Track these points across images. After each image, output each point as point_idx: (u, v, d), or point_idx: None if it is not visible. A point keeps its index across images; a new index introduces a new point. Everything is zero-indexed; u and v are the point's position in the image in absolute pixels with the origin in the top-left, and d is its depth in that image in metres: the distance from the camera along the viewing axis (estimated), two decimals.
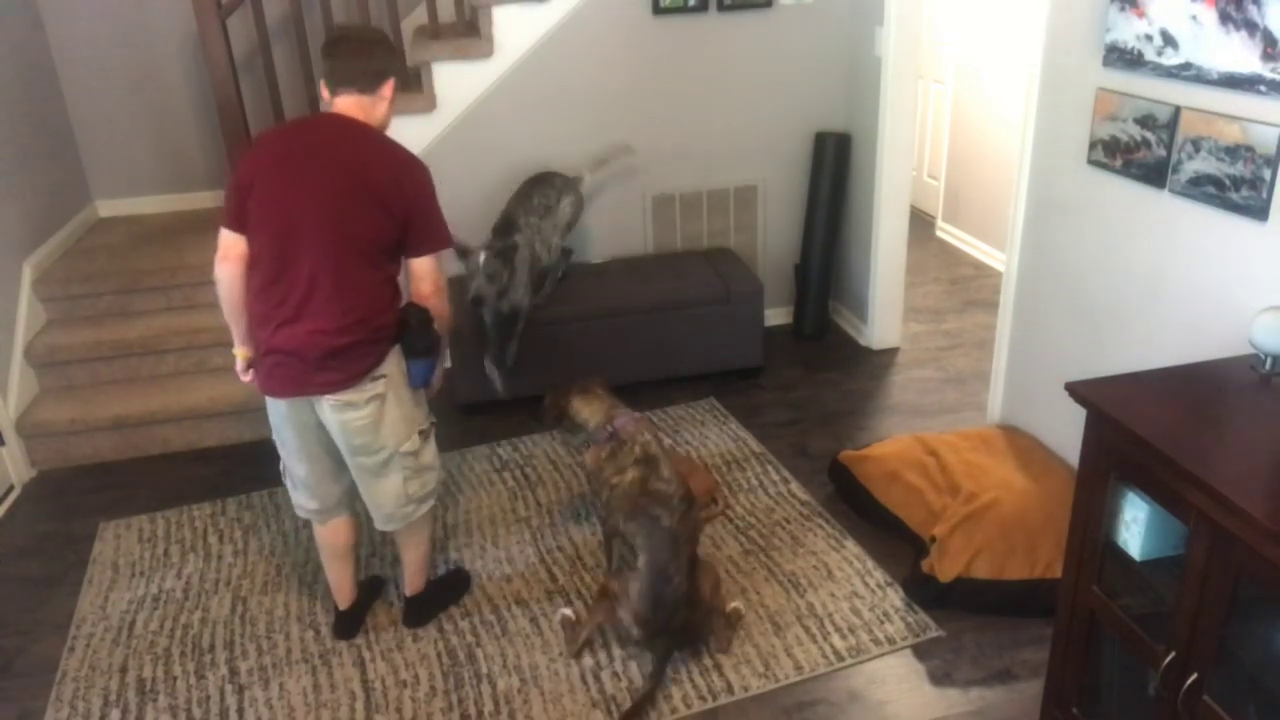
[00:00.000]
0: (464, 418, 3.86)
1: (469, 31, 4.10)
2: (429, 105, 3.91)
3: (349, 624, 2.75)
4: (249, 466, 3.62)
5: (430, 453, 2.55)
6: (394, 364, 2.37)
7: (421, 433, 2.50)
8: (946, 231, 5.84)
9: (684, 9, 4.00)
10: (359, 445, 2.39)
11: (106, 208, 4.79)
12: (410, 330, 2.36)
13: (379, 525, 2.60)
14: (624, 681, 2.53)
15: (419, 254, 2.36)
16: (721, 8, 4.04)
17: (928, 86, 5.81)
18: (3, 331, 3.66)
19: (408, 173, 2.30)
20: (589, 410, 2.77)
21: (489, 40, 3.87)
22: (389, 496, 2.51)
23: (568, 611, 2.73)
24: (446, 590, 2.86)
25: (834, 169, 4.29)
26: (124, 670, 2.66)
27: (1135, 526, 1.86)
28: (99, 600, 2.95)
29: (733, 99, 4.23)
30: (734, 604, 2.72)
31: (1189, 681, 1.66)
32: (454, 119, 3.96)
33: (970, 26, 5.42)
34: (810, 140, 4.36)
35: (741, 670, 2.54)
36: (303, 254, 2.23)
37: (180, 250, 4.20)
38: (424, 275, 2.38)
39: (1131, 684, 1.97)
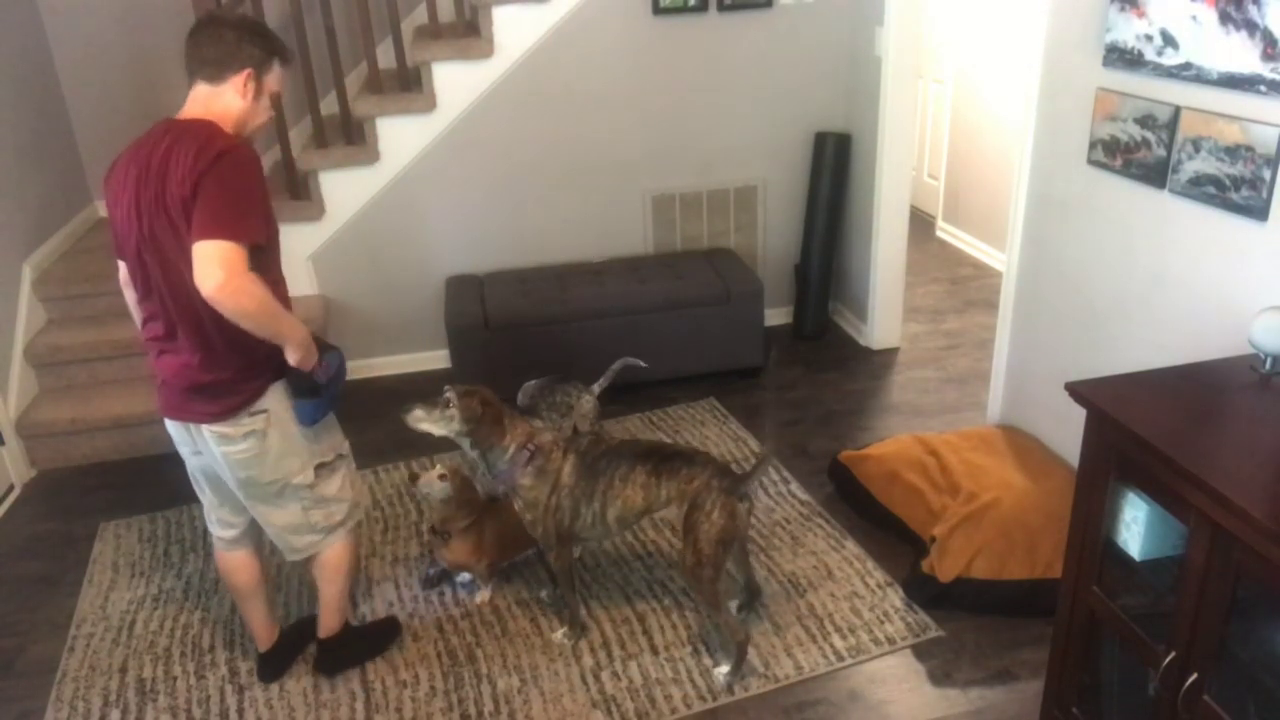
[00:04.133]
0: None
1: (469, 31, 4.10)
2: (429, 105, 3.91)
3: (269, 667, 2.59)
4: None
5: (335, 485, 2.34)
6: (276, 399, 2.17)
7: (321, 466, 2.29)
8: (946, 231, 5.84)
9: (684, 9, 4.00)
10: (244, 478, 2.21)
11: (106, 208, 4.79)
12: (291, 368, 2.13)
13: (286, 556, 2.41)
14: (624, 681, 2.53)
15: (193, 238, 1.91)
16: (721, 8, 4.04)
17: (928, 86, 5.81)
18: (3, 331, 3.66)
19: (201, 165, 1.93)
20: (518, 430, 2.49)
21: (489, 40, 3.87)
22: (288, 525, 2.31)
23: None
24: (367, 641, 2.65)
25: (834, 169, 4.29)
26: (124, 670, 2.66)
27: (1135, 526, 1.86)
28: (99, 600, 2.95)
29: (733, 99, 4.23)
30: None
31: (1189, 681, 1.66)
32: (454, 119, 3.96)
33: (970, 26, 5.42)
34: (810, 140, 4.36)
35: (741, 670, 2.54)
36: (154, 283, 2.07)
37: None
38: (198, 262, 1.90)
39: (1131, 684, 1.97)
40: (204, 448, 2.22)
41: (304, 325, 2.14)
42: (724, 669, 2.52)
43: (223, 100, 2.06)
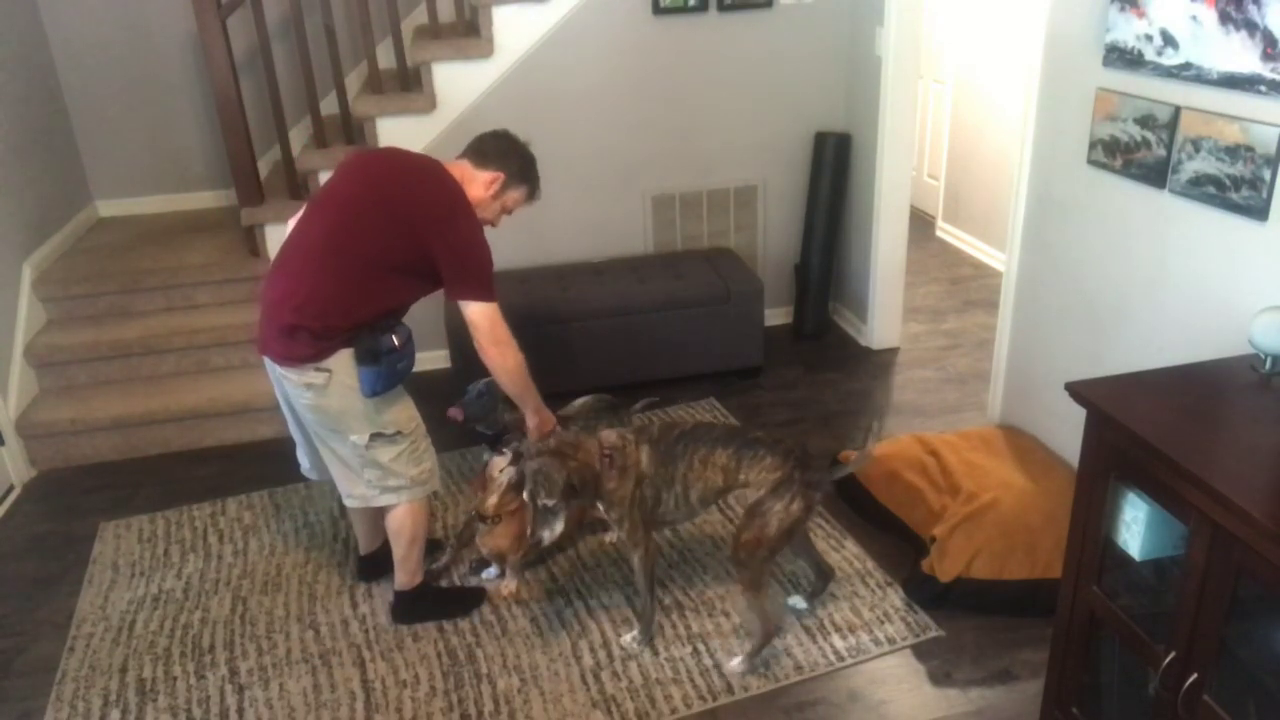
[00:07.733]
0: None
1: (469, 31, 4.10)
2: (429, 105, 3.91)
3: (364, 568, 2.93)
4: (249, 466, 3.62)
5: (389, 456, 2.49)
6: (342, 364, 2.37)
7: (379, 435, 2.46)
8: (946, 231, 5.84)
9: (684, 9, 4.00)
10: (309, 420, 2.50)
11: (106, 208, 4.79)
12: (360, 334, 2.37)
13: (344, 500, 2.63)
14: (624, 681, 2.53)
15: (452, 296, 2.42)
16: (721, 8, 4.04)
17: (928, 86, 5.81)
18: (3, 331, 3.66)
19: (433, 206, 2.38)
20: (592, 452, 2.44)
21: (489, 40, 3.87)
22: (345, 469, 2.53)
23: None
24: (441, 602, 2.81)
25: (834, 169, 4.29)
26: (124, 670, 2.66)
27: (1135, 526, 1.86)
28: (99, 600, 2.95)
29: (733, 99, 4.23)
30: None
31: (1189, 681, 1.66)
32: (454, 119, 3.96)
33: (970, 26, 5.42)
34: (810, 140, 4.36)
35: (756, 660, 2.54)
36: (305, 234, 2.40)
37: (180, 250, 4.20)
38: (468, 320, 2.43)
39: (1131, 684, 1.97)
40: (278, 380, 2.49)
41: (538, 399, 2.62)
42: (736, 660, 2.52)
43: (472, 181, 2.49)
